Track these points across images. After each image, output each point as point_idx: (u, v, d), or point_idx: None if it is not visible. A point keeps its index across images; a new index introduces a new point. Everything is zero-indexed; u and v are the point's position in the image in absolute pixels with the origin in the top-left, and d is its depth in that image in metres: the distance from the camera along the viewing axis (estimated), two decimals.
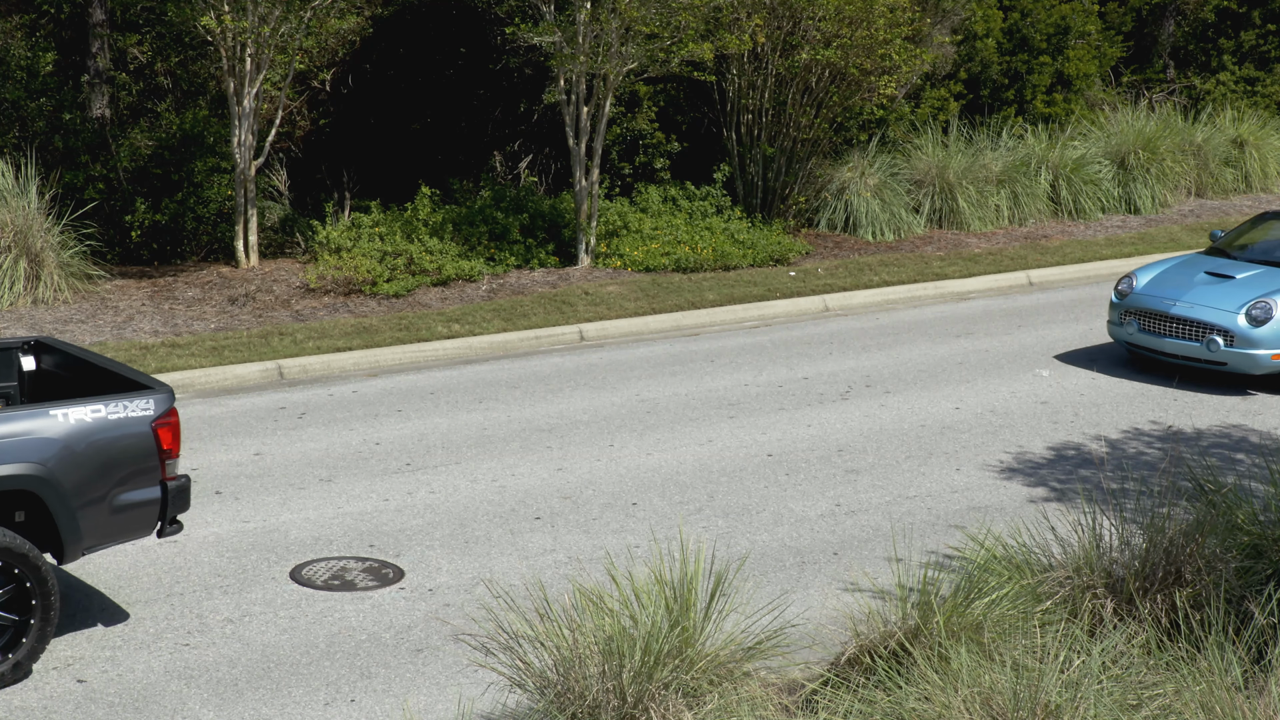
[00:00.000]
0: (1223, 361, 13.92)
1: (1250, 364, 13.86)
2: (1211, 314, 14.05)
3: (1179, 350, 14.19)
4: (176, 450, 8.58)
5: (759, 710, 6.93)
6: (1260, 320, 13.83)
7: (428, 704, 8.06)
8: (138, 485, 8.43)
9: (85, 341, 14.60)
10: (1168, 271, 14.90)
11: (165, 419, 8.49)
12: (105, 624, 8.90)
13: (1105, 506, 8.69)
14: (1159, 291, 14.55)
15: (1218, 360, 13.95)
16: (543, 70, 18.81)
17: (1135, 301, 14.63)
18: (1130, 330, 14.60)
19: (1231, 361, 13.90)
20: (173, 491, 8.58)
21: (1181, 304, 14.27)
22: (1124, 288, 14.84)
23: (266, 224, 18.16)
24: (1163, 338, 14.28)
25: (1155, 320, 14.39)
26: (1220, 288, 14.35)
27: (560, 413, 13.07)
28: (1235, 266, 14.82)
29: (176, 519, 8.75)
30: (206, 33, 16.45)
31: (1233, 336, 13.88)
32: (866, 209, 20.07)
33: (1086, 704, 6.59)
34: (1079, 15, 22.86)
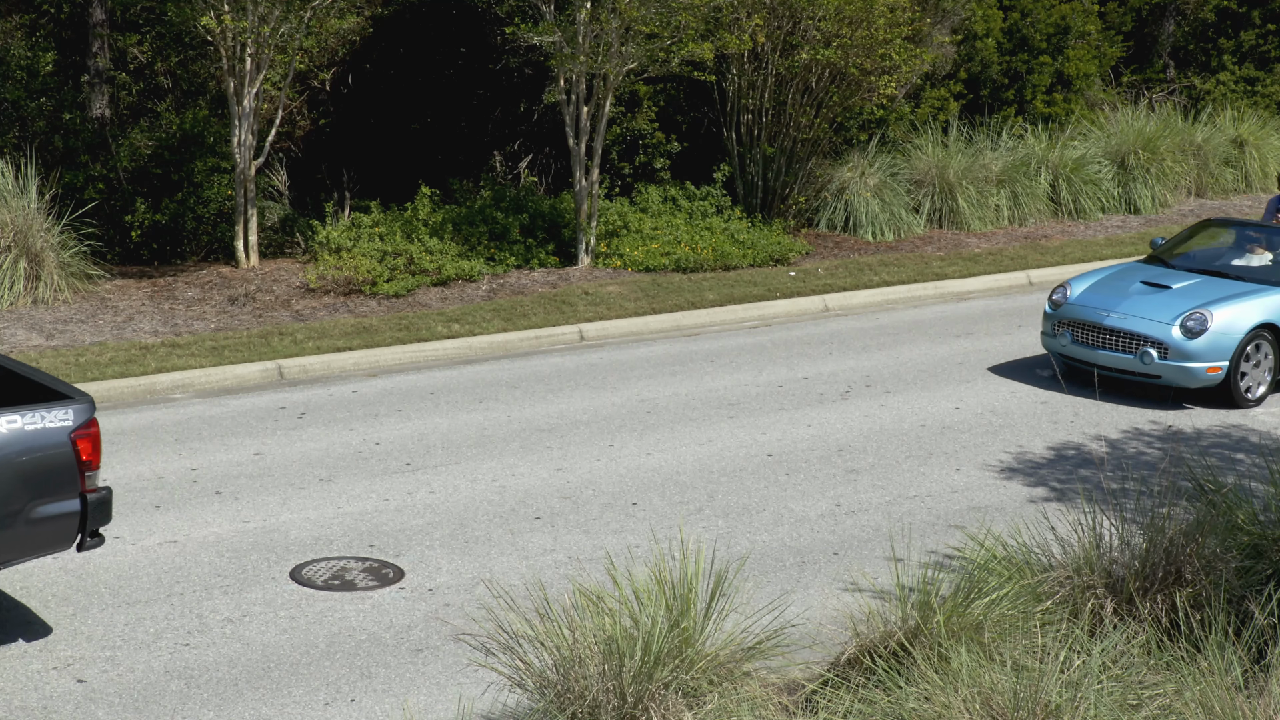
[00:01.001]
0: (1156, 375, 13.46)
1: (1185, 377, 13.40)
2: (1145, 325, 13.56)
3: (1112, 363, 13.70)
4: (97, 462, 8.32)
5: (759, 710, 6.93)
6: (1195, 332, 13.38)
7: (428, 704, 8.06)
8: (56, 498, 8.19)
9: (85, 341, 14.61)
10: (1104, 281, 14.41)
11: (85, 430, 8.26)
12: (105, 624, 8.90)
13: (1105, 506, 8.69)
14: (1093, 302, 14.03)
15: (1151, 373, 13.47)
16: (543, 70, 18.81)
17: (1069, 312, 14.10)
18: (1063, 342, 14.07)
19: (1165, 374, 13.43)
20: (93, 504, 8.34)
21: (1115, 315, 13.75)
22: (1058, 297, 14.33)
23: (266, 224, 18.16)
24: (1095, 349, 13.78)
25: (1088, 331, 13.88)
26: (1156, 298, 13.86)
27: (560, 413, 13.07)
28: (1173, 276, 14.34)
29: (98, 532, 8.50)
30: (206, 33, 16.44)
31: (1167, 349, 13.41)
32: (866, 209, 20.07)
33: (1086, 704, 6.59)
34: (1079, 15, 22.86)
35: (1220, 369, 13.39)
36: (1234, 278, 14.24)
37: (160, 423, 12.71)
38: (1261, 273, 14.29)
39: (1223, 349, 13.39)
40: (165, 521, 10.46)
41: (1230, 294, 13.80)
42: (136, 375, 13.76)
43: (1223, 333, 13.40)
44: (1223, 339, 13.39)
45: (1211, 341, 13.37)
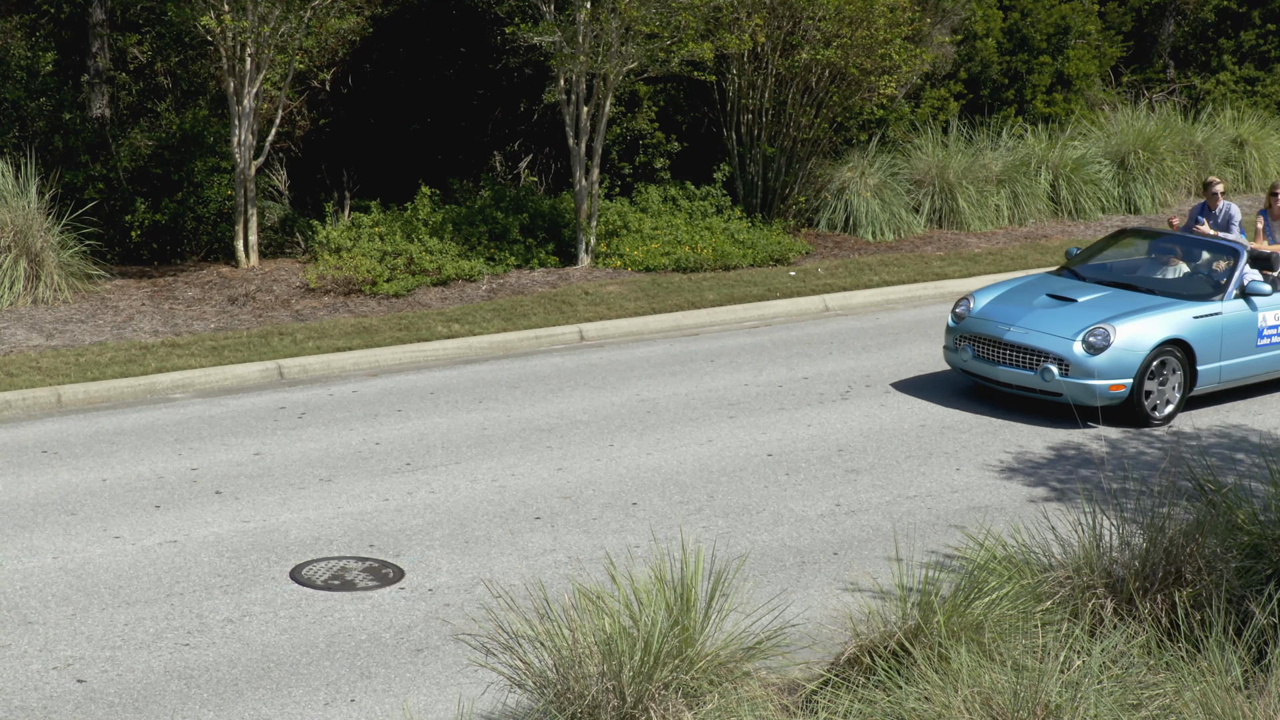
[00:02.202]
0: (1057, 392, 12.88)
1: (1086, 395, 12.78)
2: (1047, 340, 12.96)
3: (1013, 379, 13.12)
4: None
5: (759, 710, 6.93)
6: (1098, 348, 12.79)
7: (428, 704, 8.06)
8: None
9: (85, 341, 14.60)
10: (1009, 293, 13.81)
11: None
12: (105, 624, 8.90)
13: (1105, 506, 8.69)
14: (995, 315, 13.42)
15: (1052, 391, 12.90)
16: (543, 70, 18.81)
17: (970, 325, 13.51)
18: (965, 357, 13.48)
19: (1067, 392, 12.83)
20: None
21: (1016, 329, 13.15)
22: (961, 310, 13.72)
23: (266, 224, 18.16)
24: (996, 365, 13.20)
25: (989, 346, 13.27)
26: (1060, 312, 13.27)
27: (560, 413, 13.07)
28: (1080, 288, 13.73)
29: None
30: (206, 33, 16.44)
31: (1068, 365, 12.82)
32: (866, 209, 20.07)
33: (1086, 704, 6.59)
34: (1079, 15, 22.86)
35: (1124, 386, 12.81)
36: (1144, 290, 13.66)
37: (160, 423, 12.71)
38: (1173, 286, 13.77)
39: (1126, 366, 12.80)
40: (165, 521, 10.46)
41: (1137, 308, 13.20)
42: (136, 375, 13.76)
43: (1126, 349, 12.80)
44: (1126, 355, 12.80)
45: (1114, 358, 12.77)
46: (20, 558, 9.79)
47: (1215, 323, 13.28)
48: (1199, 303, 13.33)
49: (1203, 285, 13.67)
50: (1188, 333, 13.09)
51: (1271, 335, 13.66)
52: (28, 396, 13.18)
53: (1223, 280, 13.57)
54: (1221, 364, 13.33)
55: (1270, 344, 13.67)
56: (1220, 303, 13.38)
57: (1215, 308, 13.33)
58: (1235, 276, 13.52)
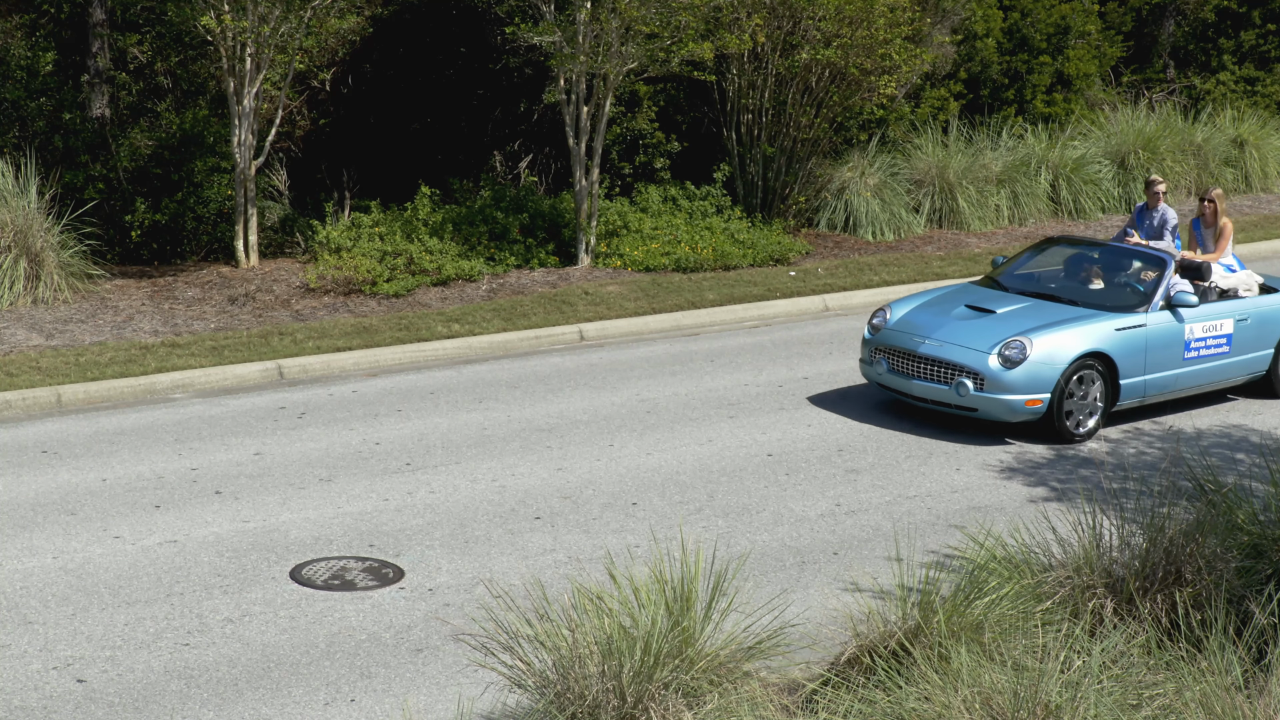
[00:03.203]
0: (973, 408, 12.39)
1: (1002, 410, 12.32)
2: (961, 354, 12.45)
3: (927, 394, 12.63)
4: None
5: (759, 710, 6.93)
6: (1014, 361, 12.25)
7: (428, 704, 8.06)
8: None
9: (85, 341, 14.60)
10: (927, 304, 13.32)
11: None
12: (105, 624, 8.90)
13: (1105, 506, 8.69)
14: (910, 327, 12.92)
15: (967, 406, 12.41)
16: (543, 70, 18.81)
17: (885, 337, 13.02)
18: (879, 370, 13.01)
19: (982, 407, 12.36)
20: None
21: (931, 342, 12.66)
22: (877, 321, 13.23)
23: (266, 224, 18.16)
24: (910, 379, 12.70)
25: (904, 359, 12.79)
26: (977, 324, 12.73)
27: (560, 413, 13.07)
28: (1001, 299, 13.20)
29: None
30: (206, 32, 16.44)
31: (983, 379, 12.30)
32: (866, 209, 20.07)
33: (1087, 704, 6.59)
34: (1079, 15, 22.85)
35: (1041, 401, 12.30)
36: (1066, 301, 13.12)
37: (160, 423, 12.71)
38: (1096, 297, 13.26)
39: (1044, 380, 12.28)
40: (165, 521, 10.46)
41: (1056, 320, 12.65)
42: (136, 375, 13.76)
43: (1043, 362, 12.27)
44: (1044, 369, 12.27)
45: (1031, 372, 12.24)
46: (20, 558, 9.79)
47: (1139, 335, 12.75)
48: (1122, 314, 12.80)
49: (1127, 296, 13.16)
50: (1109, 346, 12.56)
51: (1200, 348, 13.15)
52: (28, 396, 13.18)
53: (1148, 291, 13.06)
54: (1146, 378, 12.81)
55: (1198, 357, 13.16)
56: (1145, 314, 12.85)
57: (1139, 319, 12.80)
58: (1161, 287, 13.01)
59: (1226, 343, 13.34)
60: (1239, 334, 13.41)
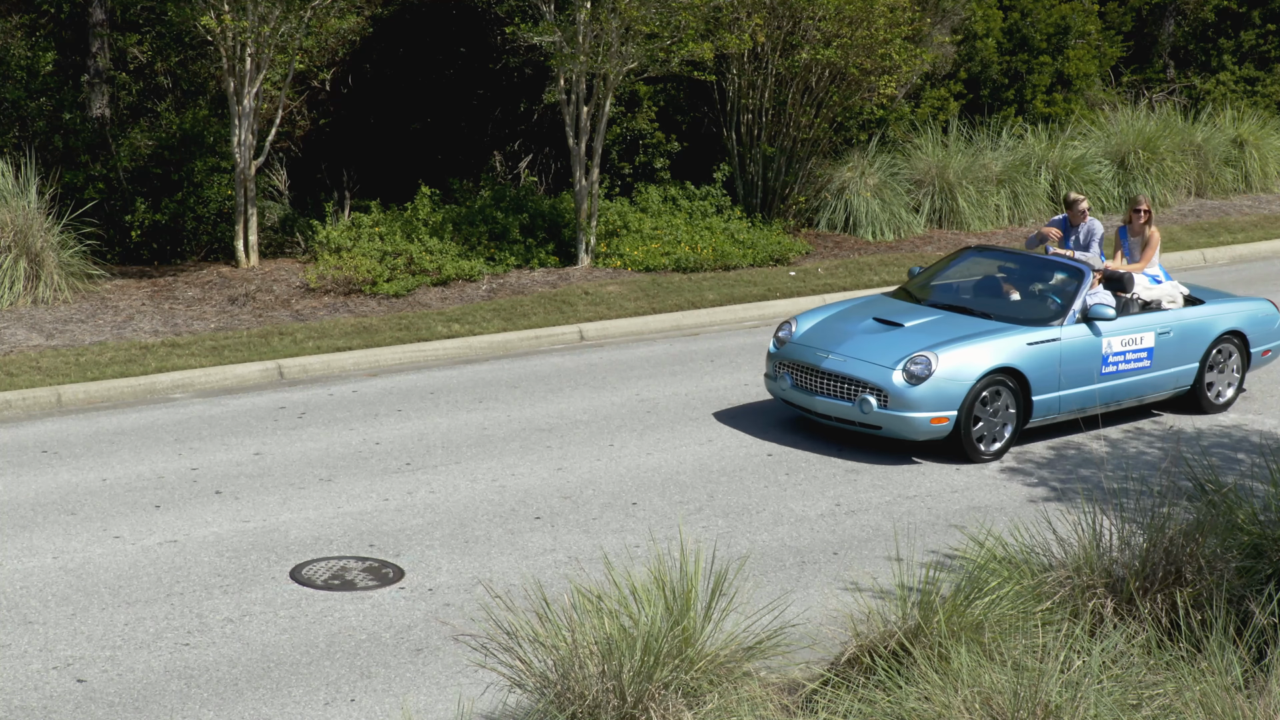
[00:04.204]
0: (876, 425, 11.88)
1: (906, 428, 11.80)
2: (865, 369, 11.93)
3: (831, 410, 12.10)
4: None
5: (759, 710, 6.93)
6: (919, 378, 11.73)
7: (428, 704, 8.06)
8: None
9: (85, 341, 14.60)
10: (835, 316, 12.84)
11: None
12: (105, 624, 8.90)
13: (1105, 506, 8.69)
14: (814, 341, 12.42)
15: (871, 424, 11.89)
16: (543, 70, 18.81)
17: (790, 352, 12.52)
18: (784, 386, 12.49)
19: (886, 425, 11.84)
20: None
21: (835, 356, 12.14)
22: (783, 335, 12.73)
23: (266, 224, 18.15)
24: (814, 395, 12.18)
25: (808, 375, 12.27)
26: (883, 338, 12.23)
27: (560, 413, 13.07)
28: (911, 312, 12.67)
29: None
30: (206, 32, 16.44)
31: (887, 396, 11.78)
32: (866, 209, 20.07)
33: (1087, 704, 6.59)
34: (1079, 15, 22.84)
35: (947, 420, 11.79)
36: (979, 314, 12.58)
37: (160, 423, 12.71)
38: (1010, 309, 12.73)
39: (950, 397, 11.76)
40: (165, 521, 10.46)
41: (966, 334, 12.13)
42: (136, 375, 13.76)
43: (950, 378, 11.76)
44: (950, 385, 11.76)
45: (936, 388, 11.72)
46: (20, 558, 9.79)
47: (1053, 349, 12.23)
48: (1036, 328, 12.29)
49: (1042, 309, 12.67)
50: (1021, 361, 12.02)
51: (1118, 362, 12.64)
52: (28, 396, 13.18)
53: (1064, 303, 12.58)
54: (1061, 394, 12.29)
55: (1117, 372, 12.65)
56: (1060, 328, 12.34)
57: (1053, 333, 12.29)
58: (1077, 299, 12.52)
59: (1147, 356, 12.81)
60: (1161, 347, 12.89)
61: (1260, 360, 13.77)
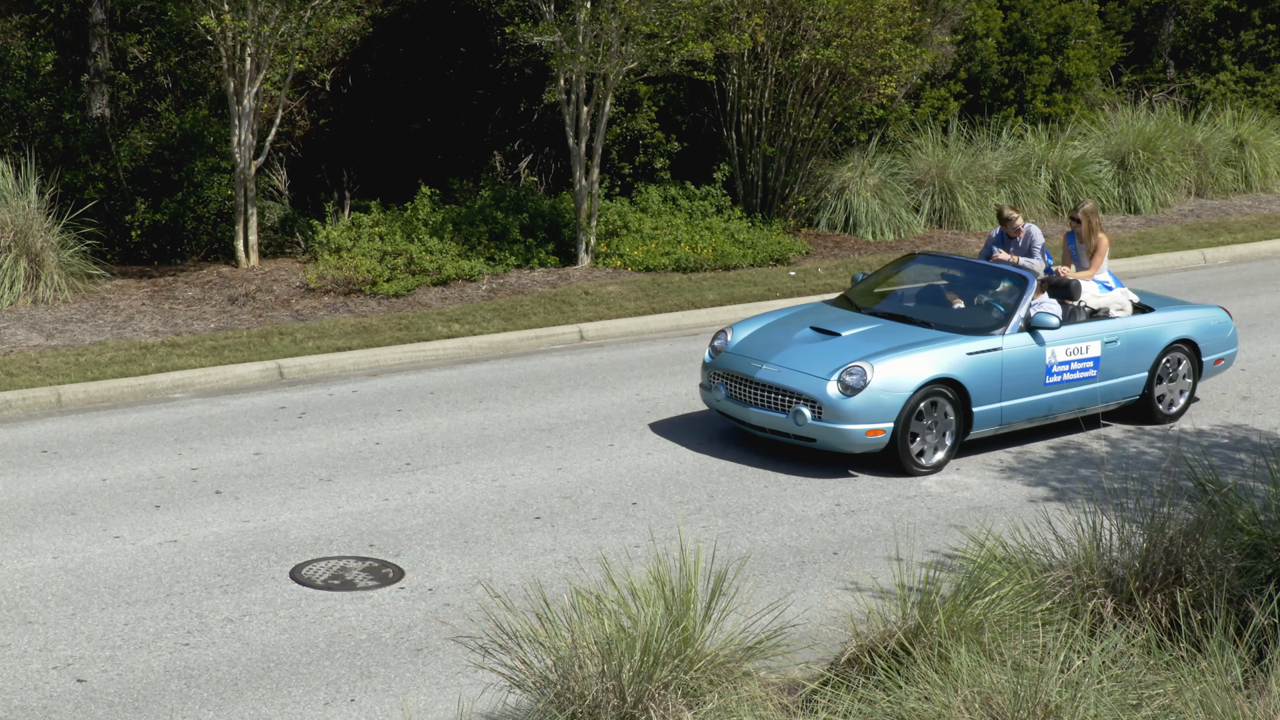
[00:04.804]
0: (811, 438, 11.56)
1: (841, 441, 11.47)
2: (799, 380, 11.60)
3: (765, 422, 11.76)
4: None
5: (759, 710, 6.93)
6: (854, 389, 11.38)
7: (428, 704, 8.06)
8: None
9: (85, 341, 14.60)
10: (772, 325, 12.50)
11: None
12: (105, 624, 8.90)
13: (1105, 506, 8.69)
14: (749, 350, 12.10)
15: (805, 436, 11.57)
16: (543, 70, 18.81)
17: (724, 362, 12.20)
18: (718, 396, 12.16)
19: (821, 438, 11.52)
20: None
21: (769, 367, 11.81)
22: (719, 344, 12.43)
23: (266, 224, 18.15)
24: (748, 407, 11.84)
25: (741, 385, 11.94)
26: (819, 347, 11.90)
27: (560, 413, 13.07)
28: (850, 320, 12.36)
29: None
30: (206, 32, 16.44)
31: (821, 408, 11.44)
32: (866, 209, 20.06)
33: (1087, 703, 6.59)
34: (1079, 15, 22.84)
35: (883, 432, 11.46)
36: (919, 323, 12.26)
37: (160, 423, 12.71)
38: (950, 318, 12.40)
39: (886, 408, 11.43)
40: (165, 521, 10.46)
41: (903, 344, 11.79)
42: (136, 375, 13.76)
43: (886, 389, 11.42)
44: (886, 397, 11.42)
45: (872, 399, 11.38)
46: (20, 558, 9.79)
47: (993, 359, 11.89)
48: (976, 337, 11.95)
49: (983, 318, 12.33)
50: (960, 371, 11.69)
51: (1063, 372, 12.29)
52: (28, 396, 13.18)
53: (1006, 312, 12.24)
54: (1003, 405, 11.97)
55: (1061, 382, 12.30)
56: (1001, 337, 12.00)
57: (995, 343, 11.95)
58: (1020, 308, 12.19)
59: (1093, 366, 12.49)
60: (1108, 357, 12.56)
61: (1212, 369, 13.41)
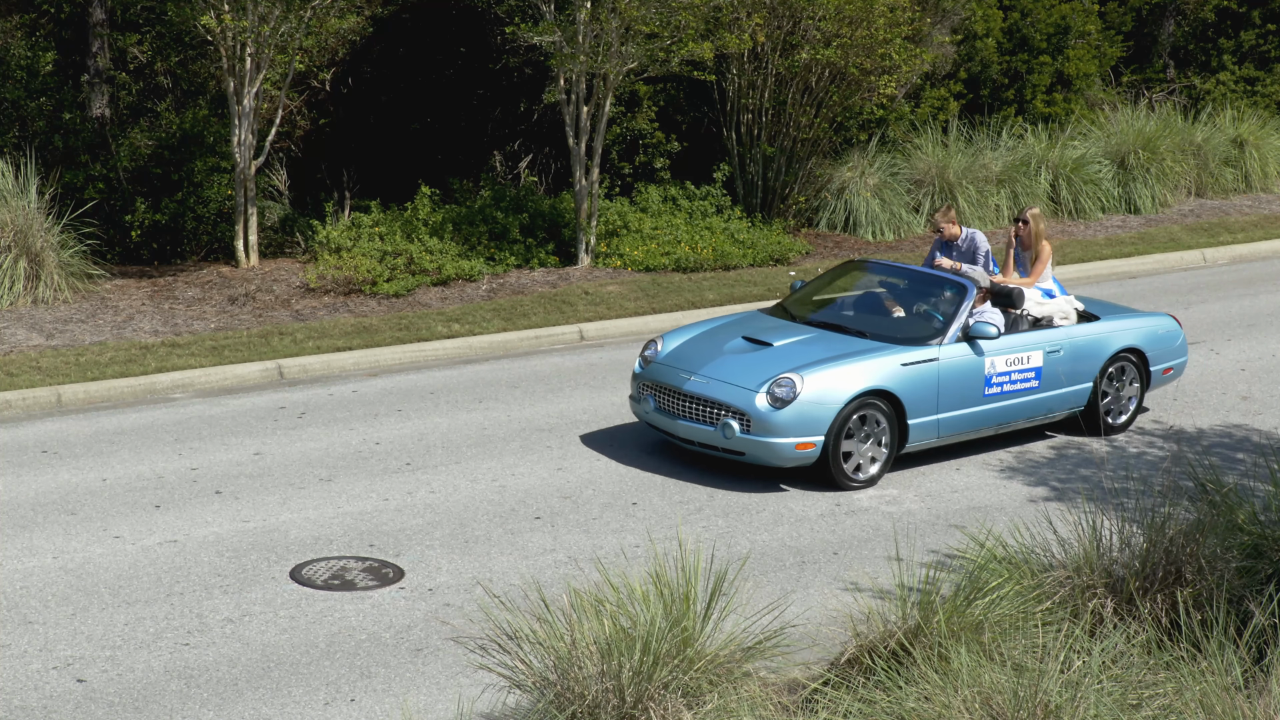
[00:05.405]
0: (740, 451, 11.21)
1: (770, 454, 11.13)
2: (728, 391, 11.25)
3: (693, 435, 11.45)
4: None
5: (759, 710, 6.93)
6: (783, 400, 11.04)
7: (427, 704, 8.06)
8: None
9: (85, 341, 14.60)
10: (703, 335, 12.18)
11: None
12: (105, 624, 8.90)
13: (1106, 506, 8.69)
14: (679, 361, 11.77)
15: (734, 449, 11.23)
16: (543, 70, 18.81)
17: (653, 372, 11.87)
18: (647, 408, 11.83)
19: (749, 451, 11.17)
20: None
21: (698, 378, 11.46)
22: (649, 354, 12.09)
23: (266, 224, 18.15)
24: (676, 419, 11.52)
25: (670, 397, 11.61)
26: (749, 358, 11.55)
27: (560, 413, 13.07)
28: (784, 330, 12.01)
29: None
30: (206, 32, 16.44)
31: (750, 420, 11.12)
32: (866, 209, 20.06)
33: (1087, 704, 6.59)
34: (1079, 15, 22.84)
35: (814, 445, 11.09)
36: (854, 333, 11.90)
37: (160, 423, 12.71)
38: (886, 328, 12.03)
39: (816, 421, 11.07)
40: (165, 521, 10.46)
41: (836, 354, 11.44)
42: (136, 375, 13.76)
43: (816, 402, 11.06)
44: (816, 409, 11.06)
45: (801, 412, 11.02)
46: (20, 558, 9.79)
47: (929, 370, 11.54)
48: (912, 347, 11.59)
49: (920, 328, 11.97)
50: (894, 383, 11.34)
51: (1003, 383, 11.94)
52: (28, 396, 13.18)
53: (944, 321, 11.89)
54: (940, 417, 11.63)
55: (1001, 393, 11.95)
56: (938, 347, 11.65)
57: (931, 353, 11.59)
58: (958, 317, 11.84)
59: (1035, 376, 12.12)
60: (1050, 366, 12.21)
61: (1161, 379, 13.06)
